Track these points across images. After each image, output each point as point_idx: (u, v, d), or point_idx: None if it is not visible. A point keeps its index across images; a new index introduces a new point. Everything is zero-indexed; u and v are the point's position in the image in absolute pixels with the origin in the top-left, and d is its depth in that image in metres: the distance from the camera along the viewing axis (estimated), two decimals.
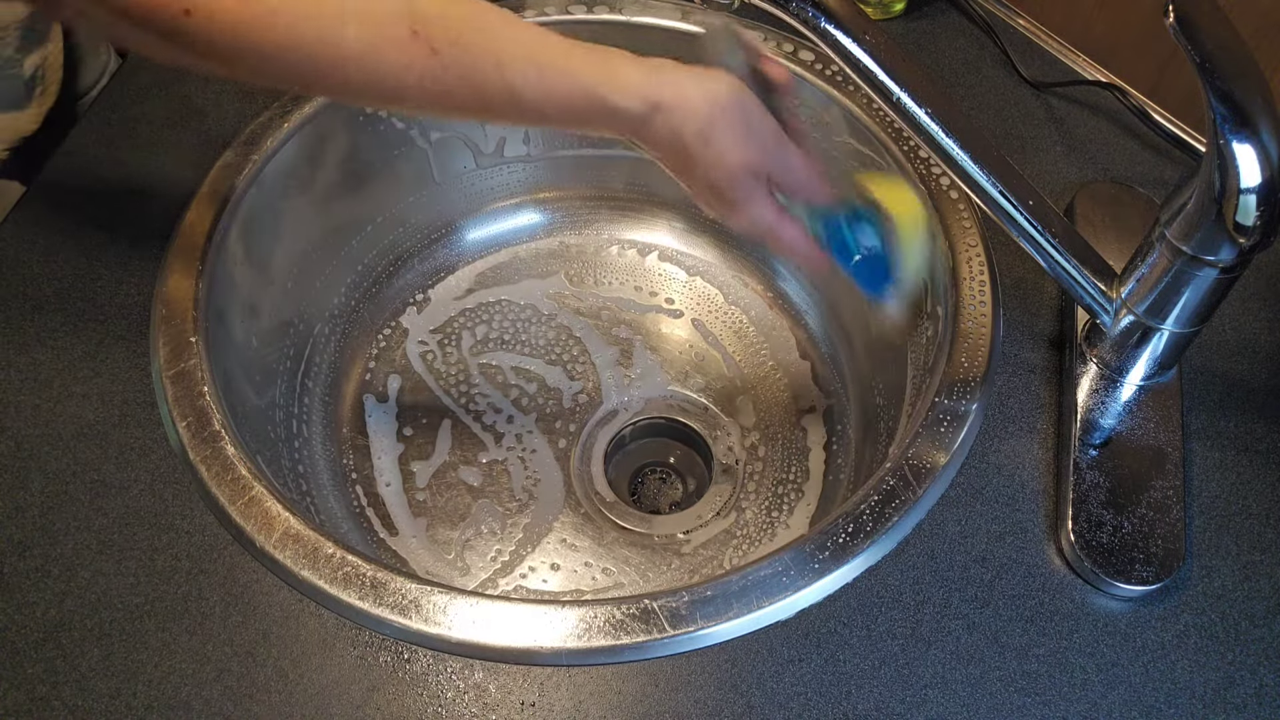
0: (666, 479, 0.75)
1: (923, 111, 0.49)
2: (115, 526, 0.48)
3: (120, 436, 0.51)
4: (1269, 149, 0.41)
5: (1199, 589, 0.48)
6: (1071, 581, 0.48)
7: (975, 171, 0.50)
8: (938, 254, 0.60)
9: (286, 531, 0.47)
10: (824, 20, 0.48)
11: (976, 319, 0.56)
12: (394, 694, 0.44)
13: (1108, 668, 0.46)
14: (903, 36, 0.72)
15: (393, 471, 0.69)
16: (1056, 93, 0.68)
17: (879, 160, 0.65)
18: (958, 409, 0.52)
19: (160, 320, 0.55)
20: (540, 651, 0.44)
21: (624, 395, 0.74)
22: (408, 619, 0.45)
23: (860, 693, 0.44)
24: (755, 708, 0.44)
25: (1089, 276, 0.51)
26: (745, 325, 0.77)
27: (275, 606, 0.46)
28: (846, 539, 0.48)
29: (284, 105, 0.64)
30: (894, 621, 0.46)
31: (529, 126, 0.72)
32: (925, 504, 0.50)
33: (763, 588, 0.46)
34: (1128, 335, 0.52)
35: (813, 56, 0.68)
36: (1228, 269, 0.46)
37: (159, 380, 0.53)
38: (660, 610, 0.45)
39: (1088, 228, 0.60)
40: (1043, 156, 0.65)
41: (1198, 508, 0.50)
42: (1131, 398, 0.53)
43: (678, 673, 0.45)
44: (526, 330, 0.77)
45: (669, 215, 0.82)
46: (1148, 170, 0.64)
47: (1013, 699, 0.44)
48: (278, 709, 0.44)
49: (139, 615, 0.46)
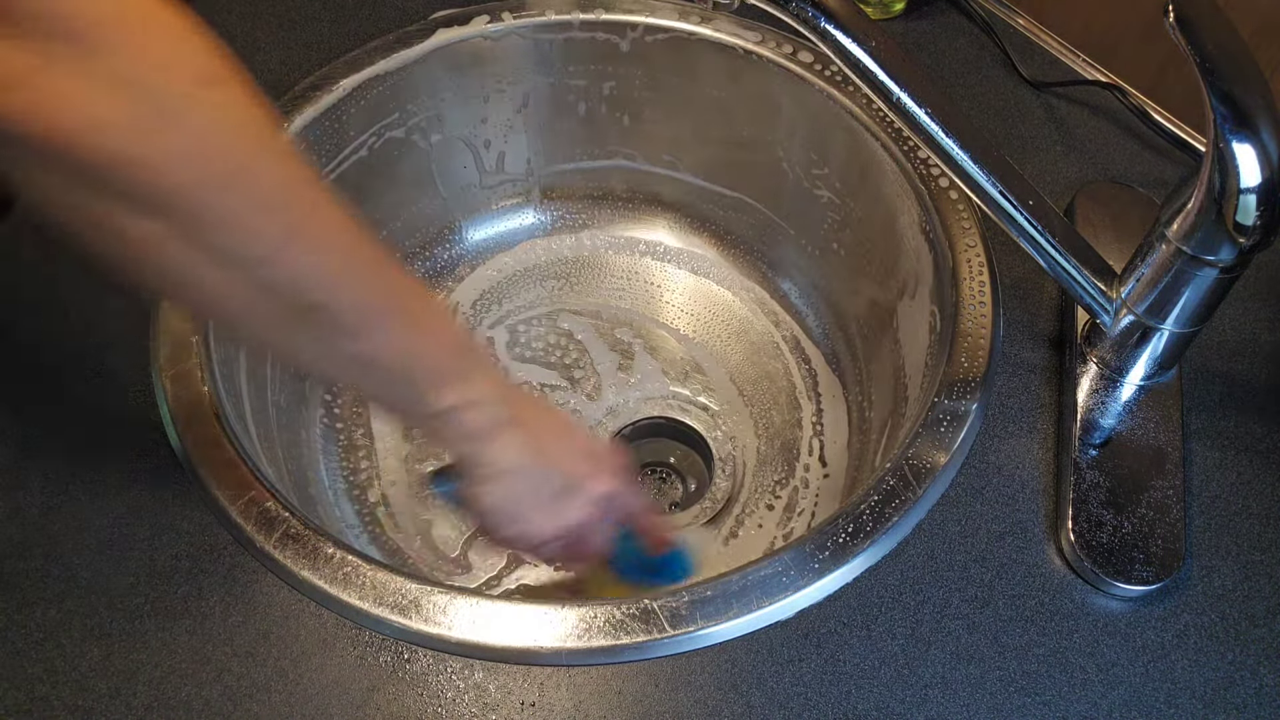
0: (666, 479, 0.75)
1: (923, 111, 0.49)
2: (115, 526, 0.48)
3: (120, 437, 0.51)
4: (1269, 149, 0.41)
5: (1199, 589, 0.48)
6: (1071, 581, 0.48)
7: (975, 171, 0.50)
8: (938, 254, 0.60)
9: (286, 531, 0.47)
10: (824, 20, 0.48)
11: (976, 319, 0.56)
12: (394, 694, 0.44)
13: (1108, 668, 0.46)
14: (903, 36, 0.72)
15: (397, 471, 0.69)
16: (1056, 92, 0.68)
17: (879, 160, 0.65)
18: (958, 409, 0.52)
19: (160, 320, 0.55)
20: (540, 651, 0.44)
21: (624, 395, 0.74)
22: (408, 619, 0.45)
23: (860, 693, 0.44)
24: (755, 708, 0.44)
25: (1089, 276, 0.51)
26: (745, 325, 0.77)
27: (275, 606, 0.46)
28: (846, 539, 0.48)
29: (284, 107, 0.64)
30: (894, 621, 0.46)
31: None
32: (925, 504, 0.50)
33: (762, 588, 0.46)
34: (1128, 335, 0.52)
35: (812, 57, 0.68)
36: (1228, 269, 0.46)
37: (159, 380, 0.53)
38: (660, 610, 0.45)
39: (1088, 228, 0.60)
40: (1043, 156, 0.65)
41: (1198, 508, 0.50)
42: (1131, 398, 0.53)
43: (678, 673, 0.45)
44: (527, 331, 0.77)
45: (669, 215, 0.82)
46: (1148, 170, 0.64)
47: (1013, 699, 0.44)
48: (278, 709, 0.44)
49: (139, 615, 0.46)
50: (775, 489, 0.70)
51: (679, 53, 0.72)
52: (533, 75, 0.74)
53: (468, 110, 0.74)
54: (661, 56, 0.72)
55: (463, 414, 0.44)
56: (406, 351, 0.42)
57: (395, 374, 0.42)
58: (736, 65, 0.70)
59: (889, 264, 0.67)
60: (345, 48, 0.68)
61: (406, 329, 0.42)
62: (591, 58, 0.73)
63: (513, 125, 0.76)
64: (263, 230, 0.35)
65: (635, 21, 0.71)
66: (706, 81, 0.73)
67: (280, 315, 0.38)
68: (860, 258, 0.71)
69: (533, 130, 0.77)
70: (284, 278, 0.36)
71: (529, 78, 0.74)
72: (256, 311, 0.37)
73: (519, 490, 0.48)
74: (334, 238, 0.38)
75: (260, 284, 0.36)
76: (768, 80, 0.70)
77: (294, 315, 0.38)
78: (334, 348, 0.40)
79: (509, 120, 0.76)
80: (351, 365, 0.41)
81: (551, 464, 0.48)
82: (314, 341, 0.40)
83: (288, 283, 0.37)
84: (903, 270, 0.65)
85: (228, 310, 0.37)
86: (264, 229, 0.35)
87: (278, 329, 0.39)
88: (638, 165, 0.80)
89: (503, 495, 0.48)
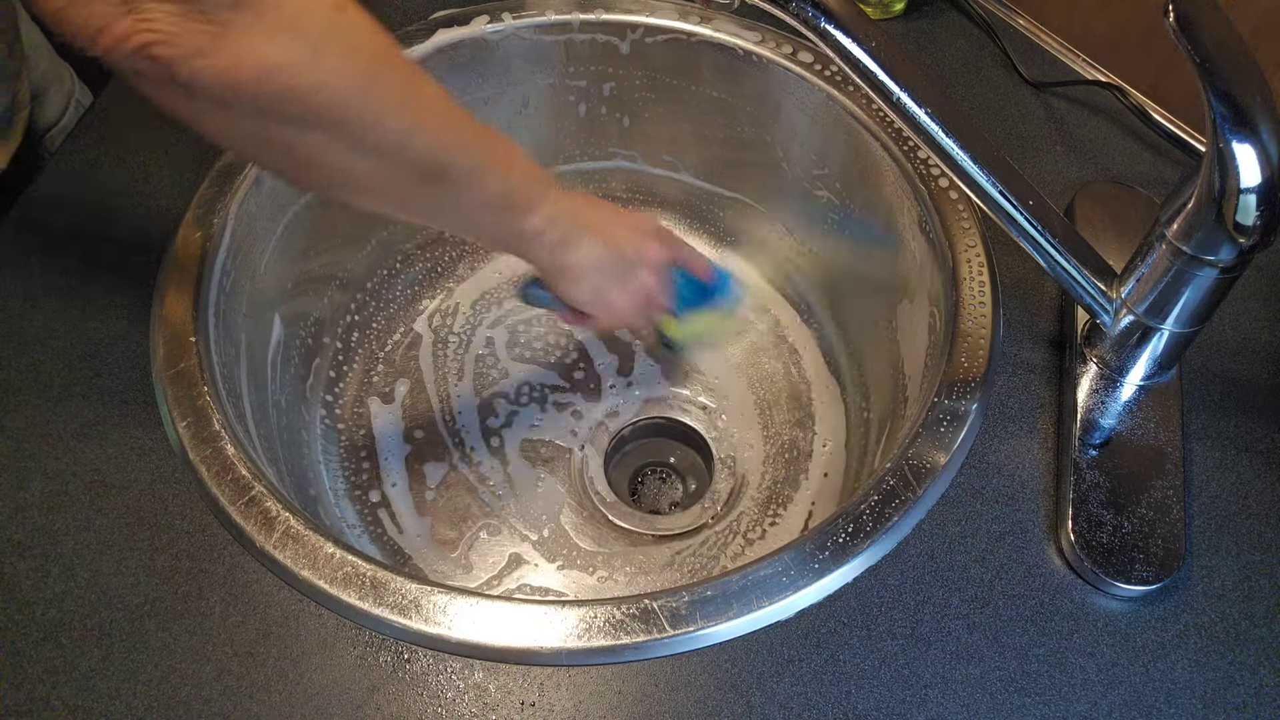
0: (666, 479, 0.75)
1: (923, 111, 0.49)
2: (115, 526, 0.48)
3: (120, 436, 0.51)
4: (1269, 149, 0.41)
5: (1199, 589, 0.48)
6: (1071, 581, 0.48)
7: (975, 171, 0.50)
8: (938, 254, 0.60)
9: (286, 531, 0.47)
10: (824, 20, 0.48)
11: (976, 319, 0.56)
12: (394, 694, 0.44)
13: (1108, 668, 0.46)
14: (903, 36, 0.72)
15: (399, 472, 0.69)
16: (1056, 93, 0.68)
17: (879, 160, 0.65)
18: (958, 409, 0.52)
19: (160, 320, 0.55)
20: (540, 651, 0.44)
21: (624, 395, 0.74)
22: (408, 619, 0.45)
23: (860, 693, 0.44)
24: (755, 708, 0.44)
25: (1089, 276, 0.51)
26: (745, 325, 0.77)
27: (275, 606, 0.46)
28: (846, 539, 0.48)
29: None
30: (894, 621, 0.46)
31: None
32: (925, 504, 0.50)
33: (763, 588, 0.46)
34: (1128, 335, 0.52)
35: (812, 57, 0.68)
36: (1228, 269, 0.46)
37: (159, 380, 0.53)
38: (660, 610, 0.45)
39: (1088, 228, 0.60)
40: (1043, 156, 0.65)
41: (1198, 508, 0.50)
42: (1131, 398, 0.53)
43: (678, 673, 0.45)
44: (527, 331, 0.77)
45: (668, 216, 0.82)
46: (1148, 170, 0.64)
47: (1013, 699, 0.44)
48: (278, 709, 0.44)
49: (139, 615, 0.46)
50: (775, 488, 0.70)
51: (679, 53, 0.72)
52: (533, 76, 0.74)
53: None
54: (661, 57, 0.72)
55: (548, 232, 0.54)
56: (505, 190, 0.51)
57: (499, 209, 0.52)
58: (736, 65, 0.70)
59: (889, 264, 0.67)
60: None
61: (505, 172, 0.51)
62: (591, 58, 0.73)
63: (513, 126, 0.76)
64: (399, 122, 0.44)
65: (635, 22, 0.71)
66: (706, 82, 0.73)
67: (415, 184, 0.47)
68: (860, 258, 0.71)
69: (533, 131, 0.77)
70: (418, 156, 0.46)
71: (529, 78, 0.74)
72: (397, 186, 0.47)
73: (602, 281, 0.58)
74: (445, 115, 0.47)
75: (400, 164, 0.45)
76: (768, 80, 0.70)
77: (427, 181, 0.47)
78: (458, 199, 0.49)
79: (509, 121, 0.76)
80: (468, 210, 0.51)
81: (618, 251, 0.58)
82: (441, 197, 0.49)
83: (422, 158, 0.46)
84: (902, 270, 0.65)
85: (375, 189, 0.46)
86: (400, 121, 0.44)
87: (414, 195, 0.48)
88: (638, 166, 0.80)
89: (591, 289, 0.58)
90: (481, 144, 0.50)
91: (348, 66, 0.41)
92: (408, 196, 0.48)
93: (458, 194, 0.49)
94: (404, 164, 0.46)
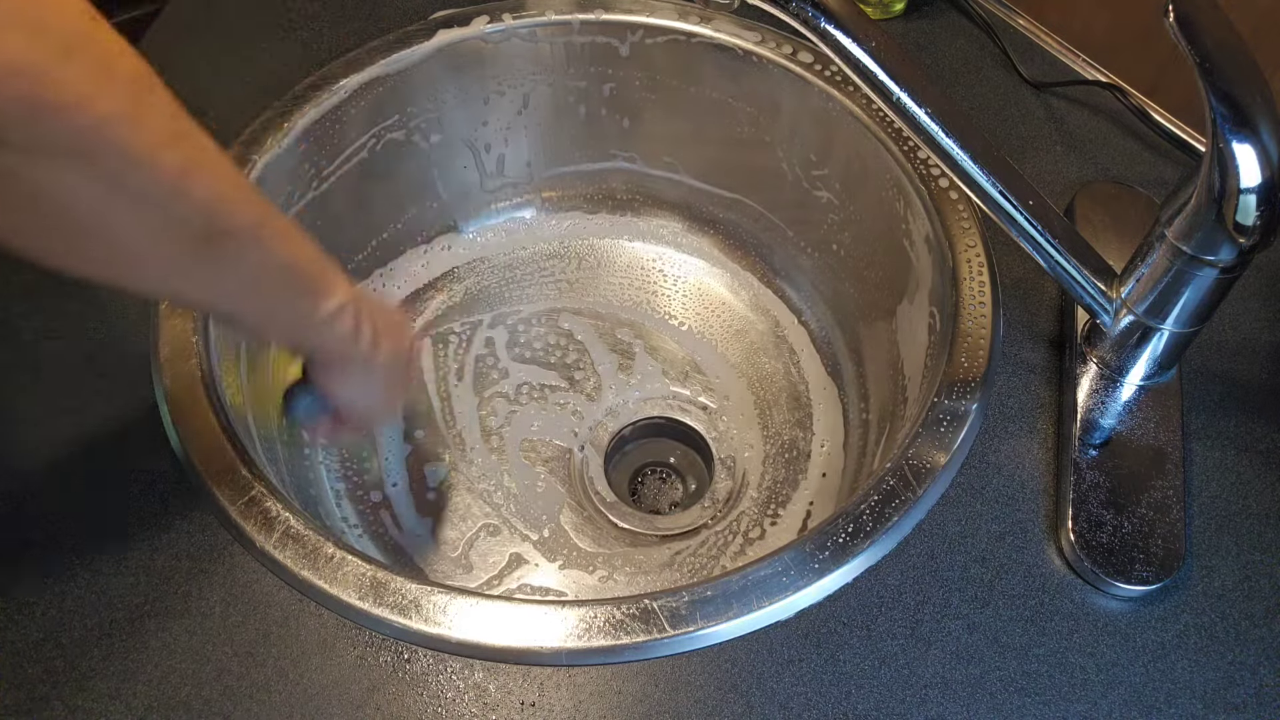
0: (666, 479, 0.75)
1: (923, 111, 0.49)
2: (115, 526, 0.48)
3: (120, 436, 0.51)
4: (1269, 149, 0.41)
5: (1199, 589, 0.48)
6: (1071, 581, 0.48)
7: (975, 171, 0.50)
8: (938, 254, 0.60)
9: (286, 531, 0.47)
10: (824, 20, 0.48)
11: (976, 319, 0.56)
12: (394, 694, 0.44)
13: (1108, 668, 0.46)
14: (903, 36, 0.72)
15: (399, 472, 0.69)
16: (1056, 93, 0.68)
17: (879, 160, 0.65)
18: (958, 409, 0.52)
19: (160, 320, 0.55)
20: (540, 651, 0.44)
21: (624, 396, 0.74)
22: (408, 619, 0.45)
23: (860, 693, 0.44)
24: (755, 708, 0.44)
25: (1089, 276, 0.51)
26: (745, 326, 0.77)
27: (275, 606, 0.46)
28: (846, 539, 0.48)
29: (285, 106, 0.65)
30: (894, 621, 0.46)
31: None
32: (925, 504, 0.50)
33: (763, 588, 0.46)
34: (1128, 335, 0.52)
35: (812, 57, 0.68)
36: (1228, 269, 0.46)
37: (159, 380, 0.53)
38: (660, 610, 0.45)
39: (1088, 228, 0.60)
40: (1043, 156, 0.65)
41: (1198, 508, 0.50)
42: (1131, 398, 0.53)
43: (678, 673, 0.45)
44: (527, 332, 0.77)
45: (669, 216, 0.82)
46: (1148, 170, 0.64)
47: (1013, 699, 0.44)
48: (278, 709, 0.44)
49: (139, 615, 0.46)
50: (775, 488, 0.70)
51: (679, 54, 0.72)
52: (533, 77, 0.74)
53: (468, 112, 0.74)
54: (661, 57, 0.72)
55: (341, 320, 0.47)
56: (294, 262, 0.44)
57: (293, 289, 0.45)
58: (736, 66, 0.70)
59: (888, 264, 0.67)
60: (345, 48, 0.68)
61: (290, 239, 0.44)
62: (591, 59, 0.73)
63: (513, 127, 0.76)
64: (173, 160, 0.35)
65: (635, 22, 0.71)
66: (706, 82, 0.73)
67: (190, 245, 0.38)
68: (860, 258, 0.71)
69: (533, 132, 0.77)
70: (195, 207, 0.37)
71: (529, 79, 0.74)
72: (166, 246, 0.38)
73: (385, 377, 0.53)
74: (220, 160, 0.39)
75: (173, 217, 0.37)
76: (768, 80, 0.70)
77: (205, 241, 0.39)
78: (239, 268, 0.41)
79: (509, 122, 0.76)
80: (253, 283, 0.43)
81: (399, 345, 0.53)
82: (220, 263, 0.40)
83: (199, 210, 0.37)
84: (902, 270, 0.65)
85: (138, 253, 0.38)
86: (173, 159, 0.35)
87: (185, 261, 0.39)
88: (637, 167, 0.80)
89: (371, 383, 0.52)
90: (262, 201, 0.42)
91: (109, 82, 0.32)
92: (176, 263, 0.39)
93: (240, 260, 0.41)
94: (177, 217, 0.37)
